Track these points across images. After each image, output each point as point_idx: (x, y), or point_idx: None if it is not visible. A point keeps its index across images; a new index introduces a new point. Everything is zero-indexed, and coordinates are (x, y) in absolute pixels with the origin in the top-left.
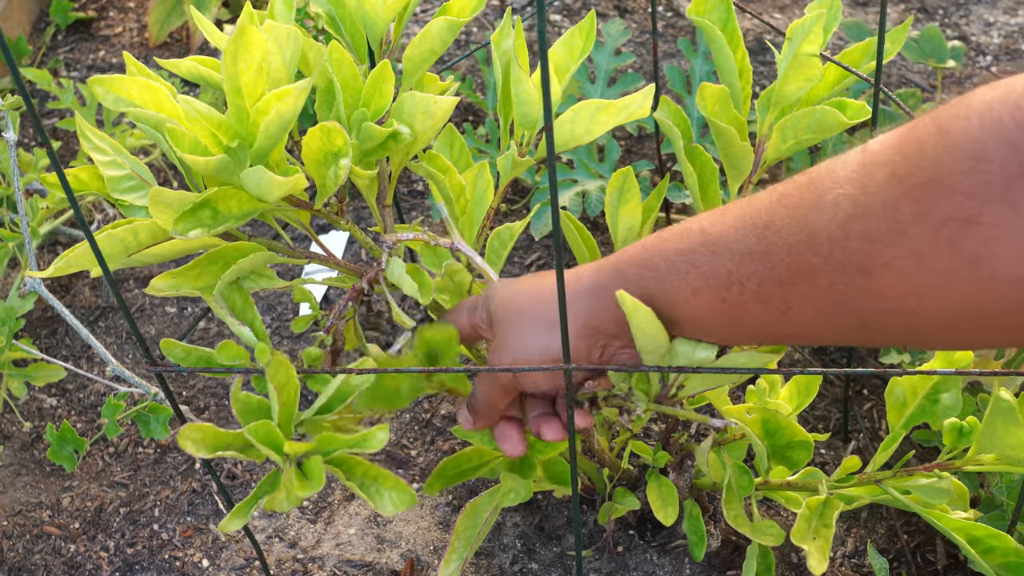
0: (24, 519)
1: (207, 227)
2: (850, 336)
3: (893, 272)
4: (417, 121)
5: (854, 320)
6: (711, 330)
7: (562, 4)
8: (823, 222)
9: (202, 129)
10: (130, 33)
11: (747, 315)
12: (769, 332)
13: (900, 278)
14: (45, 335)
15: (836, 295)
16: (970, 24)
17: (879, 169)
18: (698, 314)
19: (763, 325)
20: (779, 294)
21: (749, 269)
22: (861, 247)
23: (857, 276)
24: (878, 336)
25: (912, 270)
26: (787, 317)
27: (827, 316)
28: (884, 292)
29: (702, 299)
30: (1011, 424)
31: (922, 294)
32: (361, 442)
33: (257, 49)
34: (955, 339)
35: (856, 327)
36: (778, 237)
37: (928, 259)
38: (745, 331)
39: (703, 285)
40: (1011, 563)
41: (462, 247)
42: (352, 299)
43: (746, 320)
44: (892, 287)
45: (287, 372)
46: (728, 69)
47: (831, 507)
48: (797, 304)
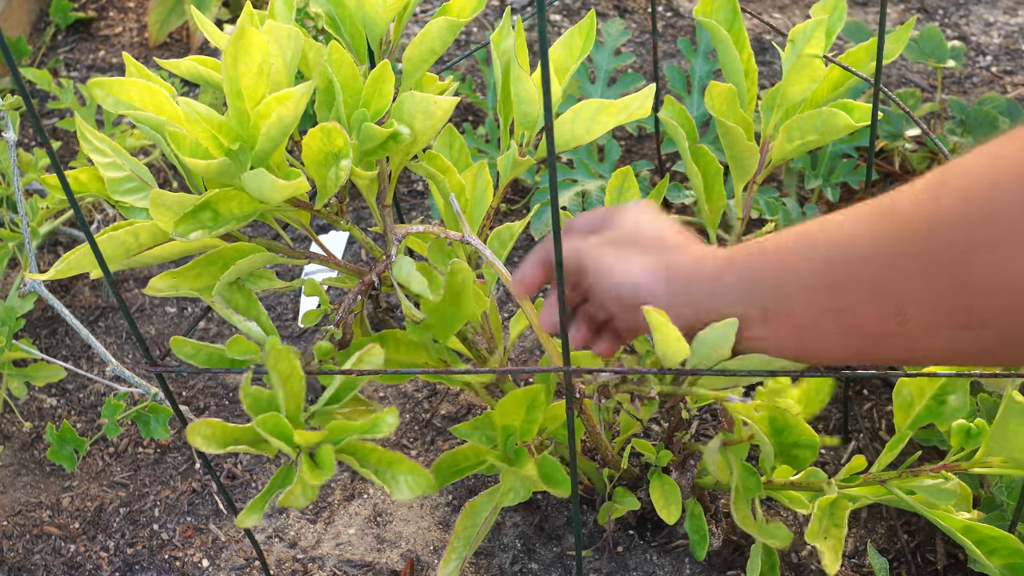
0: (24, 519)
1: (208, 229)
2: (963, 336)
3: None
4: (417, 121)
5: (976, 318)
6: (812, 333)
7: (562, 4)
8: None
9: (202, 131)
10: (130, 33)
11: (857, 321)
12: (870, 351)
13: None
14: (45, 335)
15: (961, 276)
16: (970, 24)
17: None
18: (803, 313)
19: (871, 335)
20: (894, 301)
21: (870, 271)
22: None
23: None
24: (997, 342)
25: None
26: (902, 328)
27: (944, 312)
28: (1009, 284)
29: (813, 307)
30: (1023, 426)
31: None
32: (371, 428)
33: (257, 51)
34: None
35: (976, 324)
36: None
37: None
38: (853, 342)
39: (819, 268)
40: (1015, 564)
41: (472, 240)
42: (362, 292)
43: (856, 328)
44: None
45: (289, 362)
46: (734, 69)
47: (840, 507)
48: (915, 313)
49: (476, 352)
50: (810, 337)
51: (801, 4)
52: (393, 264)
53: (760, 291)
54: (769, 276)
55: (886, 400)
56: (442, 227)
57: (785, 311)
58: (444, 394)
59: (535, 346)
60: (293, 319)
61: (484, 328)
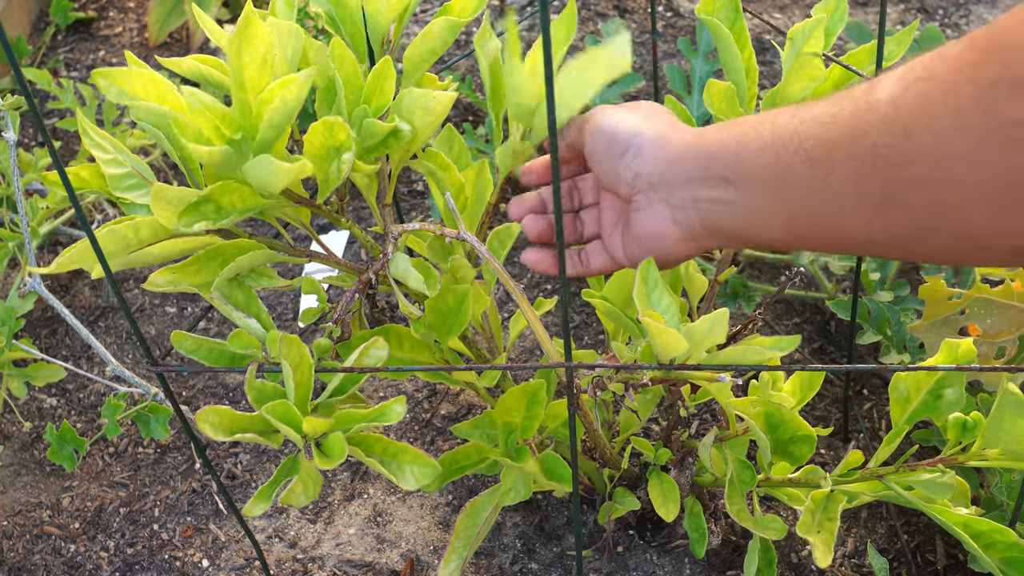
0: (24, 519)
1: (211, 220)
2: (874, 218)
3: (932, 134)
4: (416, 117)
5: (883, 190)
6: (757, 193)
7: (562, 4)
8: (889, 84)
9: (206, 121)
10: (130, 33)
11: (791, 178)
12: (803, 210)
13: (937, 140)
14: (45, 335)
15: (875, 157)
16: (970, 24)
17: (959, 42)
18: (753, 171)
19: (802, 198)
20: (826, 155)
21: (812, 131)
22: (914, 106)
23: (900, 137)
24: (902, 219)
25: (950, 131)
26: (826, 184)
27: (860, 181)
28: (918, 156)
29: (764, 155)
30: (1019, 417)
31: (953, 160)
32: (379, 415)
33: (261, 42)
34: (975, 227)
35: (883, 201)
36: (850, 102)
37: (967, 118)
38: (783, 202)
39: (770, 141)
40: (1013, 558)
41: (468, 237)
42: (359, 291)
43: (789, 185)
44: (928, 151)
45: (300, 350)
46: (735, 68)
47: (835, 501)
48: (838, 167)
49: (476, 351)
50: (753, 199)
51: (801, 4)
52: (390, 261)
53: (723, 160)
54: (732, 152)
55: (886, 400)
56: (439, 225)
57: (740, 178)
58: (444, 394)
59: (535, 346)
60: (293, 319)
61: (484, 328)
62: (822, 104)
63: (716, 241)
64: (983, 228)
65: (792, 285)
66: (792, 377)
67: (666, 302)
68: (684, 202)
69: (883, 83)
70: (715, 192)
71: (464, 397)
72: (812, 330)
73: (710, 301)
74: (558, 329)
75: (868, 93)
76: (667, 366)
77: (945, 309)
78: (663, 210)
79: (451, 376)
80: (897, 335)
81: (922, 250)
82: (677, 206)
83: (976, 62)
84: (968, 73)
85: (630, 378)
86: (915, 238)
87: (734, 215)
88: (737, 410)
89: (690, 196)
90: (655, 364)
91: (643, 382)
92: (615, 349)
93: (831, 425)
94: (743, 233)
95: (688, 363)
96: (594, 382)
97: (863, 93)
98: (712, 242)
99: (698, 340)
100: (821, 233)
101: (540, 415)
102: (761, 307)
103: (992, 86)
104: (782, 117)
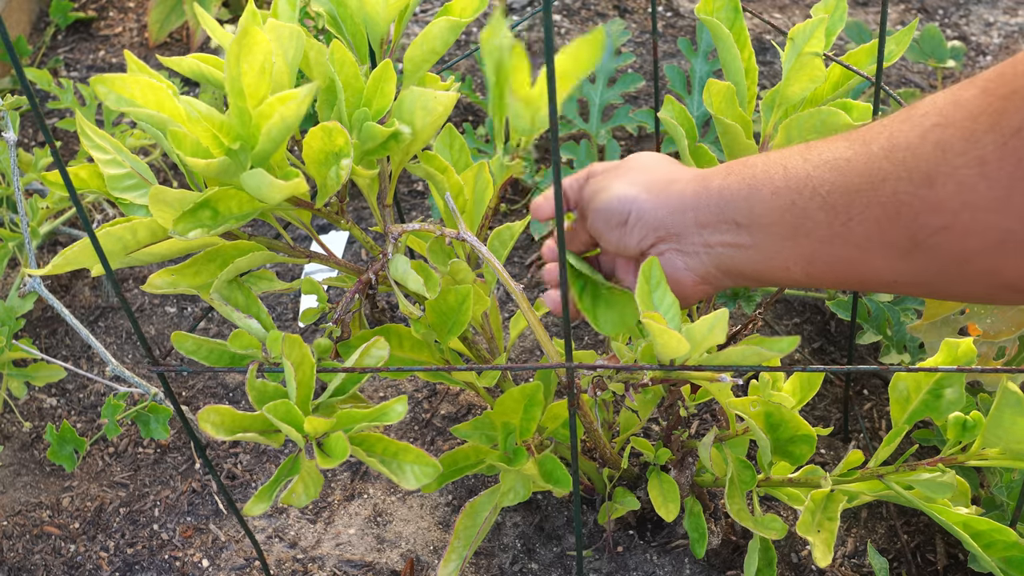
0: (24, 519)
1: (207, 227)
2: (900, 262)
3: (955, 182)
4: (417, 118)
5: (907, 237)
6: (773, 236)
7: (562, 4)
8: (905, 131)
9: (203, 130)
10: (130, 33)
11: (809, 223)
12: (824, 252)
13: (960, 189)
14: (45, 335)
15: (897, 205)
16: (970, 24)
17: (972, 86)
18: (766, 216)
19: (821, 241)
20: (845, 202)
21: (827, 176)
22: (933, 155)
23: (921, 185)
24: (928, 264)
25: (975, 179)
26: (847, 229)
27: (883, 228)
28: (942, 204)
29: (777, 199)
30: (1018, 416)
31: (978, 207)
32: (380, 415)
33: (260, 50)
34: (1004, 271)
35: (909, 246)
36: (863, 146)
37: (992, 168)
38: (802, 246)
39: (783, 186)
40: (1012, 557)
41: (468, 237)
42: (359, 291)
43: (807, 230)
44: (951, 198)
45: (302, 350)
46: (734, 68)
47: (835, 500)
48: (858, 214)
49: (477, 352)
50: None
51: (801, 4)
52: (390, 262)
53: (735, 205)
54: (743, 196)
55: (886, 400)
56: (439, 225)
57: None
58: (444, 394)
59: (535, 346)
60: (293, 319)
61: (485, 328)
62: (833, 147)
63: (732, 282)
64: (1013, 272)
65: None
66: (792, 377)
67: (668, 301)
68: (696, 248)
69: (895, 127)
70: (727, 237)
71: (464, 397)
72: (812, 330)
73: (710, 301)
74: (558, 329)
75: (881, 135)
76: (667, 366)
77: (945, 309)
78: (675, 259)
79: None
80: (897, 335)
81: (951, 291)
82: (689, 253)
83: (995, 111)
84: (987, 122)
85: (630, 378)
86: (943, 281)
87: (750, 259)
88: (737, 410)
89: (703, 242)
90: (655, 364)
91: (643, 382)
92: (615, 349)
93: (831, 425)
94: (760, 275)
95: (688, 363)
96: (594, 382)
97: (874, 136)
98: (728, 283)
99: (698, 341)
100: (843, 273)
101: (537, 417)
102: (761, 307)
103: (1015, 135)
104: (793, 160)
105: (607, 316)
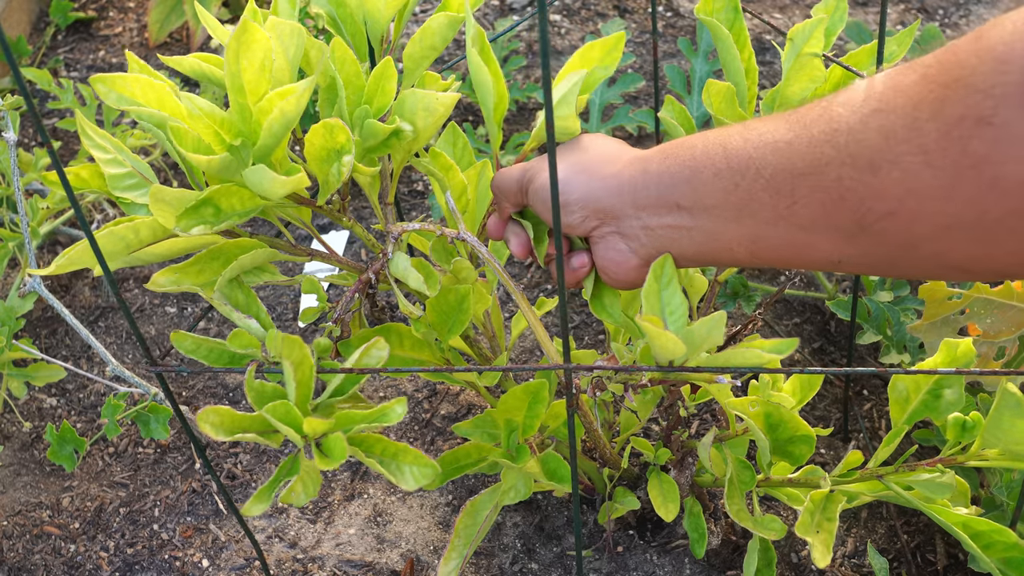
0: (24, 519)
1: (209, 224)
2: (846, 245)
3: (899, 170)
4: (418, 118)
5: (853, 221)
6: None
7: (562, 4)
8: (846, 115)
9: (205, 127)
10: (130, 33)
11: (754, 204)
12: (769, 233)
13: (905, 176)
14: (45, 335)
15: (841, 190)
16: (970, 24)
17: (912, 72)
18: (709, 198)
19: (766, 222)
20: (789, 185)
21: (769, 158)
22: (876, 141)
23: (865, 171)
24: (874, 248)
25: (919, 167)
26: (791, 212)
27: (828, 212)
28: (887, 190)
29: (720, 181)
30: (1017, 417)
31: (924, 195)
32: (379, 416)
33: (260, 47)
34: (950, 254)
35: (855, 230)
36: (804, 128)
37: (936, 156)
38: (746, 227)
39: (725, 167)
40: (1012, 558)
41: (468, 237)
42: (359, 290)
43: (751, 211)
44: (896, 185)
45: (301, 350)
46: (734, 69)
47: (834, 501)
48: (803, 197)
49: (478, 351)
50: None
51: (801, 4)
52: (390, 261)
53: (676, 188)
54: (684, 178)
55: (886, 400)
56: (439, 224)
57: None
58: (444, 394)
59: (535, 346)
60: (293, 319)
61: (486, 327)
62: (771, 127)
63: (676, 264)
64: (960, 255)
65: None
66: (792, 377)
67: (677, 301)
68: (636, 231)
69: (835, 110)
70: (668, 219)
71: (464, 397)
72: (812, 330)
73: (710, 301)
74: (559, 329)
75: (820, 119)
76: (666, 367)
77: (945, 309)
78: (617, 241)
79: (452, 375)
80: (897, 335)
81: (897, 272)
82: (629, 235)
83: (936, 99)
84: (929, 110)
85: (630, 379)
86: (889, 262)
87: (693, 240)
88: (737, 410)
89: (641, 225)
90: (654, 365)
91: (643, 383)
92: (615, 350)
93: (831, 425)
94: (703, 256)
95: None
96: (594, 383)
97: (814, 119)
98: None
99: (696, 343)
100: (788, 254)
101: (542, 414)
102: (761, 307)
103: (957, 124)
104: (733, 140)
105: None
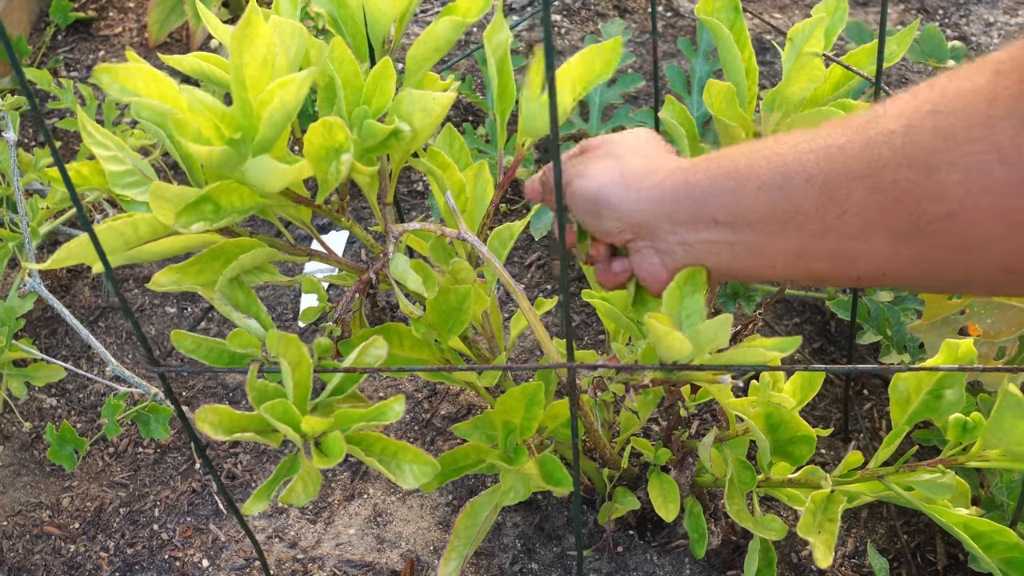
0: (24, 519)
1: (209, 220)
2: (899, 248)
3: (960, 171)
4: (416, 119)
5: (910, 223)
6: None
7: (562, 4)
8: (902, 119)
9: (205, 120)
10: (130, 33)
11: (800, 217)
12: (815, 246)
13: (967, 177)
14: (45, 335)
15: (898, 192)
16: (970, 24)
17: (982, 72)
18: (754, 211)
19: (812, 235)
20: (844, 189)
21: (822, 164)
22: (933, 143)
23: (921, 173)
24: (929, 251)
25: (992, 165)
26: (841, 221)
27: (885, 215)
28: (946, 192)
29: (764, 194)
30: (1019, 418)
31: (997, 192)
32: (378, 415)
33: (263, 41)
34: (1014, 255)
35: (911, 231)
36: (856, 132)
37: (1011, 152)
38: (792, 240)
39: (769, 180)
40: (1013, 558)
41: (468, 237)
42: (360, 290)
43: (797, 223)
44: (956, 186)
45: (298, 350)
46: (735, 69)
47: (835, 501)
48: (859, 201)
49: (477, 351)
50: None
51: (801, 4)
52: (390, 261)
53: (715, 201)
54: (727, 191)
55: (886, 400)
56: (440, 224)
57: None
58: (444, 394)
59: (535, 346)
60: (293, 319)
61: (485, 327)
62: (822, 136)
63: (713, 278)
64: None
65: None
66: (792, 377)
67: (697, 307)
68: (672, 246)
69: (890, 114)
70: (705, 234)
71: (464, 397)
72: (812, 330)
73: (710, 301)
74: (559, 329)
75: (875, 124)
76: (668, 367)
77: (945, 309)
78: (652, 256)
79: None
80: (897, 335)
81: (946, 279)
82: (665, 251)
83: (1011, 95)
84: (1004, 107)
85: (630, 379)
86: (944, 266)
87: (735, 255)
88: (737, 410)
89: (679, 241)
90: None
91: (644, 383)
92: (615, 350)
93: (831, 425)
94: (743, 272)
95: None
96: (594, 383)
97: (869, 124)
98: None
99: (702, 343)
100: (831, 268)
101: (539, 416)
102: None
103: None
104: (779, 149)
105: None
